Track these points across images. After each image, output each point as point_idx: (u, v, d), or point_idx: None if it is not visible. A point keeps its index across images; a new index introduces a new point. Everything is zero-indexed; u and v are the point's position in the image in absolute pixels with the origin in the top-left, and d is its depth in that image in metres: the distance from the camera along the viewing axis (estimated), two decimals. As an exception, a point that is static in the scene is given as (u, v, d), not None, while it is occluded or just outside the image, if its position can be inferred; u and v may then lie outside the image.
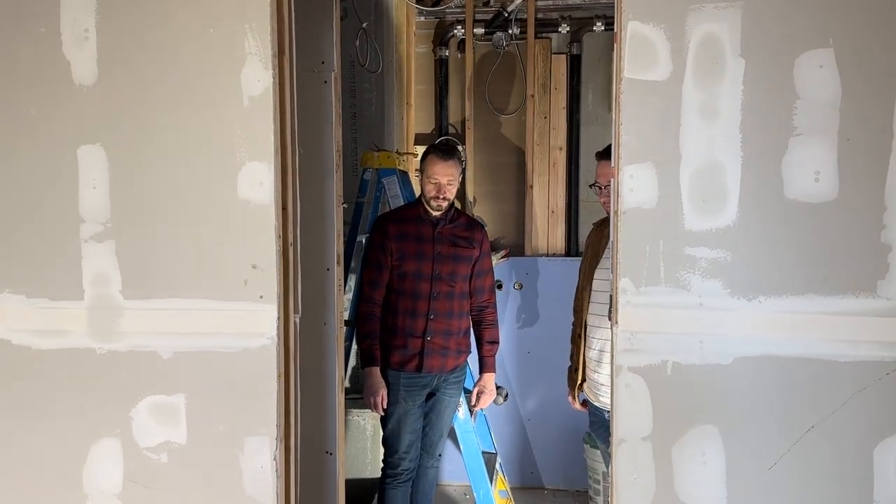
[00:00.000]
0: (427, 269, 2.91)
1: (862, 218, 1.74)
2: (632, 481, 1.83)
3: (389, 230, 2.93)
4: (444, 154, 2.91)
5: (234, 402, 1.88)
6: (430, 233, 2.94)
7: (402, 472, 3.00)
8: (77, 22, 1.87)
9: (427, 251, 2.92)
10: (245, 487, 1.89)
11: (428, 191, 2.90)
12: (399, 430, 2.96)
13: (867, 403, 1.77)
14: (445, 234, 2.96)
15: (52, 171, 1.90)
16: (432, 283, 2.92)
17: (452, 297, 2.97)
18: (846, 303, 1.76)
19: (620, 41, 1.80)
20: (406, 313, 2.92)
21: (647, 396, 1.82)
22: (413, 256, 2.91)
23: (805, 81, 1.74)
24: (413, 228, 2.94)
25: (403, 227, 2.94)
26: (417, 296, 2.91)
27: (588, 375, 2.75)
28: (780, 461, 1.80)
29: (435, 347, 2.94)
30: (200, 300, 1.88)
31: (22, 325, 1.94)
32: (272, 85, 1.84)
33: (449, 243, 2.96)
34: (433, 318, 2.93)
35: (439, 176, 2.87)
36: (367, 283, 2.96)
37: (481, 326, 3.11)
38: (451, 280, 2.96)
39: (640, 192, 1.80)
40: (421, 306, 2.91)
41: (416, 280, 2.91)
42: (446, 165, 2.87)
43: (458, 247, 2.98)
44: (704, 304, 1.80)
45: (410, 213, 3.01)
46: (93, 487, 1.94)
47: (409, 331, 2.92)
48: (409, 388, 2.94)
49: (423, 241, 2.93)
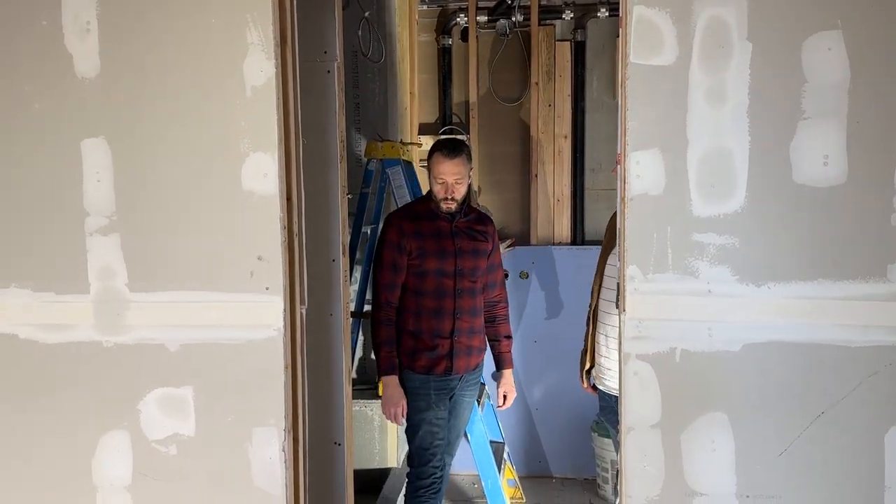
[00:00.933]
0: (450, 266, 2.79)
1: (871, 202, 1.73)
2: (641, 469, 1.82)
3: (405, 228, 2.78)
4: (451, 152, 2.76)
5: (241, 394, 1.88)
6: (447, 228, 2.82)
7: (436, 482, 2.89)
8: (78, 15, 1.86)
9: (448, 247, 2.80)
10: (254, 478, 1.89)
11: (437, 192, 2.78)
12: (432, 439, 2.84)
13: (878, 389, 1.76)
14: (463, 228, 2.86)
15: (57, 165, 1.89)
16: (456, 279, 2.80)
17: (475, 293, 2.88)
18: (856, 288, 1.75)
19: (626, 26, 1.78)
20: (430, 313, 2.80)
21: (656, 384, 1.81)
22: (434, 254, 2.78)
23: (813, 64, 1.73)
24: (429, 225, 2.81)
25: (419, 224, 2.80)
26: (442, 294, 2.79)
27: (598, 360, 2.75)
28: (790, 447, 1.79)
29: (462, 347, 2.84)
30: (206, 292, 1.88)
31: (28, 319, 1.94)
32: (275, 75, 1.83)
33: (468, 237, 2.85)
34: (459, 316, 2.82)
35: (446, 175, 2.74)
36: (384, 287, 2.80)
37: (496, 322, 3.03)
38: (472, 275, 2.85)
39: (646, 178, 1.79)
40: (447, 305, 2.79)
41: (439, 278, 2.79)
42: (453, 164, 2.74)
43: (476, 241, 2.88)
44: (713, 291, 1.79)
45: (422, 208, 2.87)
46: (102, 480, 1.95)
47: (435, 332, 2.80)
48: (439, 392, 2.84)
49: (443, 236, 2.81)
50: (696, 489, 1.82)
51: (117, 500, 1.94)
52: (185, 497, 1.92)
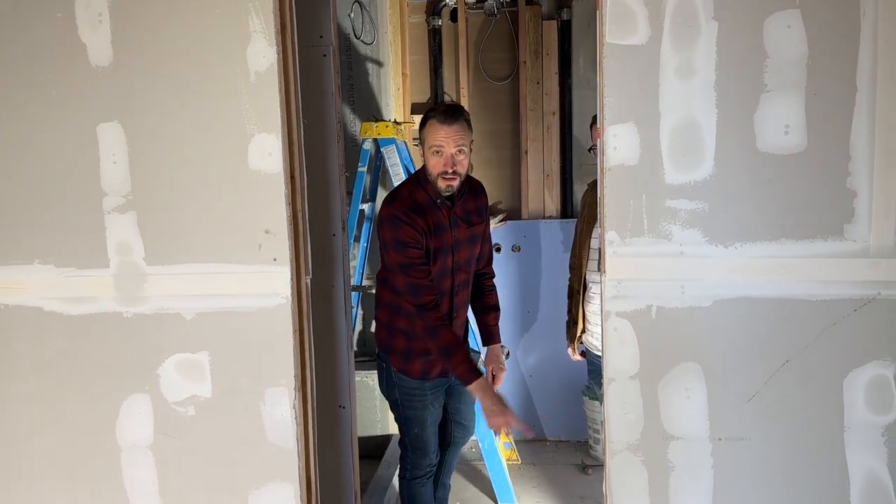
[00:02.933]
0: (449, 263, 2.53)
1: (829, 167, 1.88)
2: (622, 416, 1.99)
3: (419, 223, 2.42)
4: (448, 116, 2.37)
5: (254, 357, 2.03)
6: (446, 218, 2.51)
7: (431, 471, 2.79)
8: (90, 6, 1.98)
9: (447, 241, 2.51)
10: (267, 435, 2.05)
11: (433, 166, 2.41)
12: (428, 435, 2.69)
13: (837, 338, 1.92)
14: (460, 215, 2.55)
15: (74, 149, 2.03)
16: (454, 276, 2.56)
17: (468, 284, 2.67)
18: (816, 246, 1.90)
19: (602, 8, 1.91)
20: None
21: (634, 339, 1.97)
22: (440, 252, 2.49)
23: (774, 41, 1.86)
24: (432, 218, 2.47)
25: (427, 218, 2.46)
26: (441, 294, 2.52)
27: (589, 329, 2.90)
28: (758, 394, 1.95)
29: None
30: (218, 264, 2.02)
31: (52, 293, 2.08)
32: (277, 60, 1.96)
33: (464, 224, 2.57)
34: (455, 314, 2.60)
35: (445, 144, 2.37)
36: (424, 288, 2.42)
37: (483, 294, 2.76)
38: (467, 266, 2.62)
39: (623, 149, 1.93)
40: (443, 305, 2.53)
41: (440, 279, 2.52)
42: (452, 129, 2.36)
43: (472, 225, 2.60)
44: (685, 252, 1.94)
45: (422, 198, 2.48)
46: (125, 440, 2.10)
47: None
48: (435, 391, 2.66)
49: (443, 230, 2.50)
50: (673, 433, 1.98)
51: (140, 459, 2.10)
52: (204, 453, 2.08)
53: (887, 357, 1.90)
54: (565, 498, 3.60)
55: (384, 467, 3.67)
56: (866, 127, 1.85)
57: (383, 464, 3.70)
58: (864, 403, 1.93)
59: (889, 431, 1.93)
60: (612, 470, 2.01)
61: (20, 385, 2.11)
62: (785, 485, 1.97)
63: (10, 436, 2.13)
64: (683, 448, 1.98)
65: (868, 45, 1.83)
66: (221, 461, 2.08)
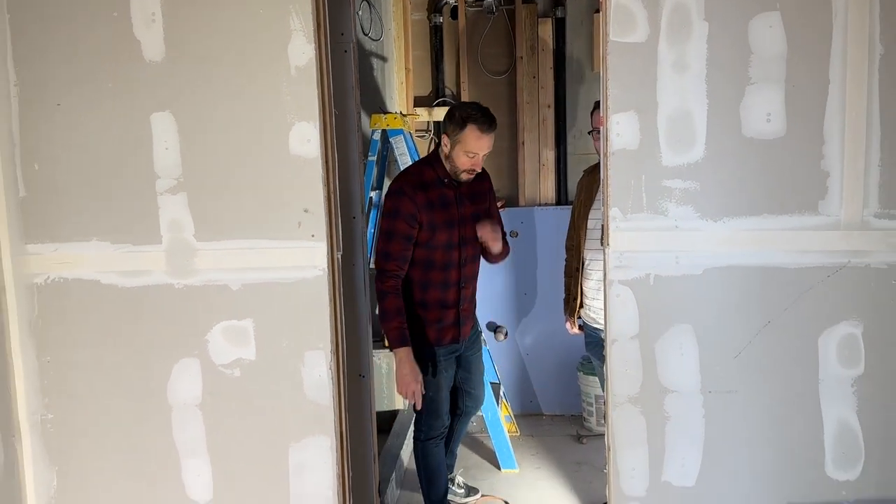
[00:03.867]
0: (455, 237, 2.78)
1: (805, 150, 2.13)
2: (623, 372, 2.24)
3: (418, 199, 2.71)
4: (489, 127, 2.68)
5: (294, 324, 2.26)
6: (453, 195, 2.80)
7: (444, 432, 3.04)
8: (145, 6, 2.19)
9: (454, 216, 2.78)
10: (306, 393, 2.27)
11: (461, 163, 2.72)
12: (441, 398, 2.94)
13: (813, 301, 2.18)
14: (465, 194, 2.85)
15: (130, 135, 2.24)
16: (460, 249, 2.81)
17: (476, 259, 2.90)
18: (794, 220, 2.16)
19: (606, 10, 2.15)
20: (438, 285, 2.81)
21: (634, 303, 2.22)
22: (443, 226, 2.75)
23: (758, 39, 2.11)
24: (438, 192, 2.76)
25: (429, 193, 2.75)
26: (449, 266, 2.78)
27: (588, 303, 3.14)
28: (743, 351, 2.21)
29: (466, 314, 2.91)
30: (262, 240, 2.24)
31: (109, 267, 2.29)
32: (314, 56, 2.18)
33: (469, 202, 2.85)
34: (464, 285, 2.85)
35: (481, 150, 2.70)
36: (395, 257, 2.72)
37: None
38: (474, 241, 2.86)
39: (625, 136, 2.18)
40: (452, 276, 2.79)
41: (447, 250, 2.78)
42: (489, 139, 2.69)
43: (476, 204, 2.88)
44: (679, 227, 2.19)
45: (429, 176, 2.78)
46: (176, 399, 2.32)
47: (442, 303, 2.82)
48: (447, 357, 2.92)
49: (449, 206, 2.78)
50: (668, 387, 2.23)
51: (189, 416, 2.32)
52: (248, 411, 2.30)
53: (856, 317, 2.17)
54: (563, 464, 3.86)
55: (393, 437, 3.90)
56: (838, 115, 2.11)
57: (392, 435, 3.94)
58: (836, 359, 2.19)
59: (858, 383, 2.19)
60: (615, 420, 2.26)
61: (80, 351, 2.31)
62: (767, 431, 2.23)
63: (71, 398, 2.33)
64: (678, 400, 2.23)
65: (839, 42, 2.09)
66: (264, 418, 2.30)
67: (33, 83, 2.23)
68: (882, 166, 2.11)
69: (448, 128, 2.76)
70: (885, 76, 2.08)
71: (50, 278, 2.30)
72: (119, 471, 2.35)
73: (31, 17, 2.21)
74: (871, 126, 2.10)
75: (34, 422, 2.34)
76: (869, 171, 2.11)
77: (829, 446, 2.22)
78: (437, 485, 3.10)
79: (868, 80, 2.09)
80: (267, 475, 2.32)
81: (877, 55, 2.08)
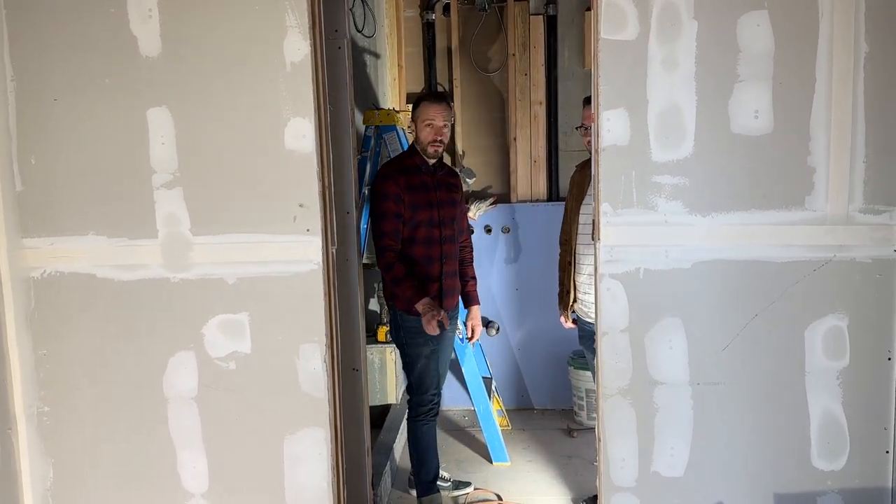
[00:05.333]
0: (436, 216, 3.06)
1: (792, 147, 2.18)
2: (613, 364, 2.27)
3: (399, 181, 3.00)
4: (437, 97, 3.08)
5: (289, 317, 2.29)
6: (430, 181, 3.09)
7: (434, 407, 3.19)
8: (142, 2, 2.21)
9: (433, 198, 3.07)
10: (301, 385, 2.30)
11: (425, 136, 3.03)
12: (429, 369, 3.13)
13: (799, 294, 2.22)
14: (441, 181, 3.14)
15: (126, 130, 2.26)
16: (441, 228, 3.08)
17: (454, 239, 3.18)
18: (781, 215, 2.20)
19: (597, 8, 2.19)
20: (422, 260, 3.05)
21: (624, 297, 2.26)
22: (424, 205, 3.04)
23: (746, 37, 2.15)
24: (417, 178, 3.06)
25: (410, 177, 3.04)
26: (431, 242, 3.05)
27: (580, 297, 3.18)
28: (731, 343, 2.25)
29: (448, 288, 3.14)
30: (257, 234, 2.27)
31: (105, 261, 2.31)
32: (310, 52, 2.21)
33: (445, 189, 3.14)
34: (445, 261, 3.11)
35: (436, 118, 3.01)
36: (389, 234, 3.00)
37: (463, 264, 3.33)
38: (451, 223, 3.15)
39: (615, 132, 2.21)
40: (434, 251, 3.07)
41: (429, 227, 3.05)
42: (440, 107, 3.03)
43: (451, 192, 3.18)
44: (668, 221, 2.23)
45: (410, 163, 3.09)
46: (172, 392, 2.34)
47: (426, 276, 3.06)
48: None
49: (428, 189, 3.07)
50: (658, 379, 2.28)
51: (185, 409, 2.34)
52: (244, 403, 2.33)
53: (842, 310, 2.21)
54: (554, 457, 3.90)
55: (385, 432, 3.93)
56: (824, 112, 2.15)
57: (385, 429, 3.97)
58: (822, 351, 2.23)
59: (843, 375, 2.24)
60: (605, 412, 2.30)
61: (76, 344, 2.33)
62: (754, 422, 2.27)
63: (66, 389, 2.35)
64: (667, 392, 2.28)
65: (825, 42, 2.13)
66: (259, 410, 2.33)
67: (30, 78, 2.25)
68: (867, 162, 2.15)
69: (413, 114, 3.13)
70: (870, 74, 2.13)
71: (46, 272, 2.32)
72: (115, 463, 2.37)
73: (28, 12, 2.23)
74: (856, 123, 2.15)
75: (30, 414, 2.36)
76: (854, 167, 2.16)
77: (815, 437, 2.27)
78: (428, 466, 3.22)
79: (853, 78, 2.13)
80: (262, 467, 2.34)
81: (862, 54, 2.12)
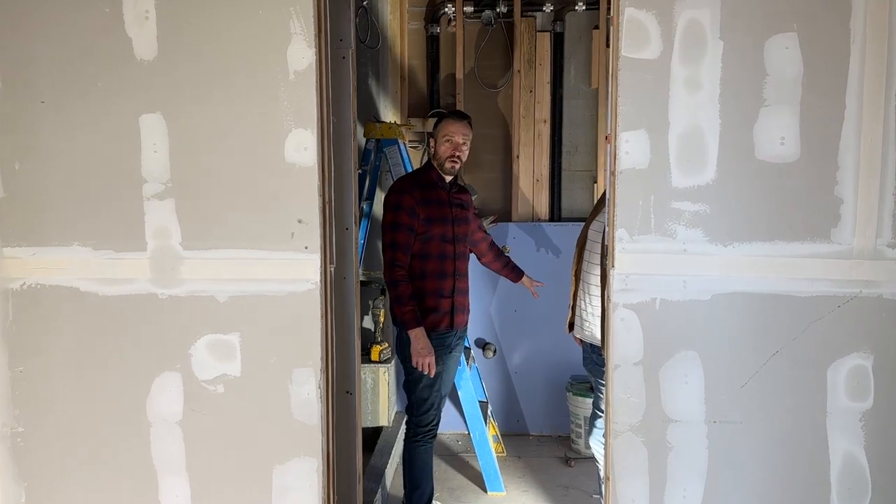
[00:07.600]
0: (449, 232, 3.08)
1: (819, 176, 2.07)
2: (625, 400, 2.15)
3: (415, 195, 3.02)
4: (460, 116, 3.14)
5: (283, 339, 2.15)
6: (445, 197, 3.12)
7: (433, 428, 3.17)
8: (139, 3, 2.09)
9: (447, 214, 3.09)
10: (293, 412, 2.17)
11: (444, 151, 3.07)
12: (431, 391, 3.10)
13: (822, 331, 2.11)
14: (455, 198, 3.17)
15: (117, 137, 2.13)
16: (455, 244, 3.10)
17: (466, 256, 3.21)
18: (805, 247, 2.09)
19: (617, 24, 2.09)
20: (435, 275, 3.06)
21: (639, 328, 2.14)
22: (438, 220, 3.06)
23: (773, 60, 2.05)
24: (434, 193, 3.08)
25: (426, 192, 3.06)
26: (444, 257, 3.07)
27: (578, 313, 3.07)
28: (750, 380, 2.13)
29: (459, 305, 3.14)
30: (252, 251, 2.14)
31: (89, 274, 2.18)
32: (315, 61, 2.09)
33: (459, 206, 3.17)
34: (458, 277, 3.12)
35: (456, 135, 3.06)
36: (401, 248, 3.00)
37: (491, 249, 3.52)
38: (464, 241, 3.19)
39: (634, 154, 2.10)
40: (447, 267, 3.08)
41: (442, 243, 3.06)
42: (462, 125, 3.08)
43: (464, 209, 3.21)
44: (688, 250, 2.11)
45: (426, 178, 3.13)
46: (155, 415, 2.20)
47: (439, 292, 3.06)
48: (440, 347, 3.08)
49: (443, 204, 3.10)
50: (672, 416, 2.15)
51: (168, 434, 2.20)
52: (232, 429, 2.19)
53: (866, 349, 2.10)
54: (550, 488, 3.77)
55: (377, 456, 3.79)
56: (853, 141, 2.05)
57: (376, 453, 3.83)
58: (844, 391, 2.12)
59: (866, 417, 2.12)
60: (615, 449, 2.17)
61: (55, 362, 2.19)
62: (772, 464, 2.15)
63: (43, 410, 2.21)
64: (681, 430, 2.15)
65: (857, 67, 2.03)
66: (247, 437, 2.19)
67: (15, 77, 2.12)
68: (897, 195, 2.05)
69: (433, 130, 3.19)
70: (902, 102, 2.03)
71: (26, 284, 2.18)
72: (92, 489, 2.22)
73: (16, 9, 2.11)
74: (886, 153, 2.05)
75: (3, 434, 2.22)
76: (884, 200, 2.06)
77: (836, 481, 2.15)
78: (422, 489, 3.17)
79: (885, 106, 2.03)
80: (249, 498, 2.20)
81: (894, 81, 2.03)
